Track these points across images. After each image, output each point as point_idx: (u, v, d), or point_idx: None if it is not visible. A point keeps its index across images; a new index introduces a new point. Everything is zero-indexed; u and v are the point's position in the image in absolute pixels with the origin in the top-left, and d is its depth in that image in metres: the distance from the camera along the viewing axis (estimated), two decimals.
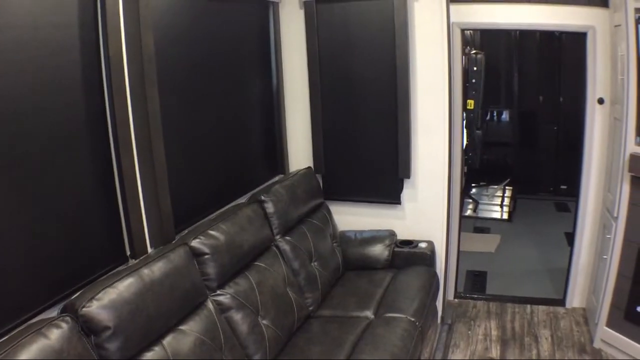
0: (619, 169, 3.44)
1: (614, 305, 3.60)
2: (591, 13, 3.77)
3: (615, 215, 3.51)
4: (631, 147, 3.34)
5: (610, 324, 3.62)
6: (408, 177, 3.80)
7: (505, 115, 7.37)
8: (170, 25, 2.65)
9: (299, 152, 4.01)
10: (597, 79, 3.84)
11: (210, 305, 2.44)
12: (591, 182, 4.03)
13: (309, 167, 3.91)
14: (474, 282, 4.80)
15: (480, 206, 6.63)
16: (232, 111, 3.31)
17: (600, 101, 3.85)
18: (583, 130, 4.00)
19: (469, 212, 6.57)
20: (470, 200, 6.72)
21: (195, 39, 2.87)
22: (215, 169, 3.12)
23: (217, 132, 3.14)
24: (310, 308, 3.19)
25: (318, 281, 3.30)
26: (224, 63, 3.18)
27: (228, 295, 2.55)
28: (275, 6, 3.70)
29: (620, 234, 3.48)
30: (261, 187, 3.50)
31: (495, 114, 7.40)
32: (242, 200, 3.32)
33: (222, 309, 2.51)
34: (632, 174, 3.35)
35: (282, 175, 3.83)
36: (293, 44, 3.83)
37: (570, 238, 4.35)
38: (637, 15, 3.17)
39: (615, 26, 3.57)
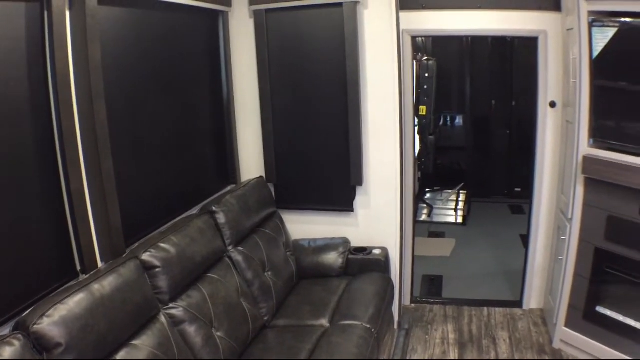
0: (572, 171, 3.58)
1: (572, 306, 3.73)
2: (543, 17, 3.93)
3: (569, 216, 3.65)
4: (584, 149, 3.47)
5: (569, 324, 3.76)
6: (360, 184, 3.88)
7: (458, 120, 7.61)
8: (118, 37, 2.69)
9: (251, 161, 4.06)
10: (549, 83, 4.00)
11: (162, 318, 2.47)
12: (544, 184, 4.19)
13: (261, 177, 3.96)
14: (430, 287, 4.93)
15: (434, 211, 6.80)
16: (182, 122, 3.34)
17: (552, 104, 4.01)
18: (535, 133, 4.15)
19: (423, 217, 6.74)
20: (425, 206, 6.89)
21: (143, 51, 2.91)
22: (165, 181, 3.15)
23: (167, 144, 3.17)
24: (265, 318, 3.24)
25: (272, 291, 3.35)
26: (173, 74, 3.23)
27: (180, 308, 2.58)
28: (225, 16, 3.76)
29: (575, 235, 3.62)
30: (213, 197, 3.55)
31: (448, 119, 7.63)
32: (194, 211, 3.35)
33: (174, 322, 2.54)
34: (586, 176, 3.48)
35: (234, 186, 3.87)
36: (243, 53, 3.88)
37: (525, 240, 4.52)
38: (590, 18, 3.29)
39: (568, 30, 3.71)
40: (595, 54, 3.30)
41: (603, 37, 3.25)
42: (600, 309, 3.57)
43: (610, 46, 3.23)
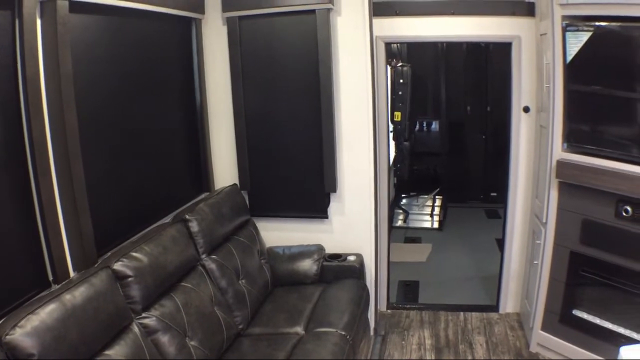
0: (546, 176, 3.67)
1: (548, 310, 3.81)
2: (516, 23, 4.03)
3: (544, 220, 3.73)
4: (558, 154, 3.55)
5: (546, 327, 3.84)
6: (334, 190, 3.95)
7: (434, 126, 7.72)
8: (89, 45, 2.71)
9: (225, 169, 4.09)
10: (523, 88, 4.10)
11: (135, 328, 2.49)
12: (519, 189, 4.29)
13: (235, 184, 4.00)
14: (406, 292, 5.01)
15: (410, 216, 6.91)
16: (154, 130, 3.36)
17: (526, 109, 4.11)
18: (509, 138, 4.25)
19: (399, 223, 6.84)
20: (401, 211, 6.99)
21: (115, 58, 2.93)
22: (138, 189, 3.17)
23: (140, 152, 3.18)
24: (240, 326, 3.27)
25: (246, 299, 3.39)
26: (145, 81, 3.25)
27: (154, 318, 2.60)
28: (198, 22, 3.79)
29: (550, 239, 3.71)
30: (186, 206, 3.57)
31: (424, 125, 7.74)
32: (167, 220, 3.37)
33: (148, 331, 2.56)
34: (560, 180, 3.57)
35: (207, 193, 3.90)
36: (216, 60, 3.92)
37: (501, 244, 4.61)
38: (564, 23, 3.36)
39: (541, 35, 3.79)
40: (569, 58, 3.37)
41: (577, 41, 3.31)
42: (576, 312, 3.65)
43: (584, 50, 3.30)
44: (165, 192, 3.52)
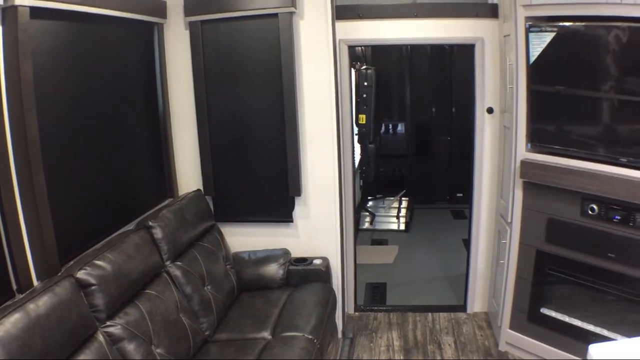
0: (511, 176, 3.76)
1: (516, 308, 3.91)
2: (479, 24, 4.11)
3: (509, 220, 3.83)
4: (522, 154, 3.64)
5: (514, 326, 3.94)
6: (299, 194, 4.00)
7: (400, 128, 7.84)
8: (51, 51, 2.71)
9: (189, 174, 4.10)
10: (486, 89, 4.19)
11: (100, 337, 2.50)
12: (483, 189, 4.39)
13: (198, 190, 4.02)
14: (374, 294, 5.08)
15: (377, 219, 7.00)
16: (117, 137, 3.37)
17: (490, 111, 4.20)
18: (473, 139, 4.34)
19: (366, 225, 6.93)
20: (367, 214, 7.06)
21: (77, 64, 2.94)
22: (101, 196, 3.18)
23: (102, 159, 3.19)
24: (206, 333, 3.30)
25: (212, 305, 3.41)
26: (107, 87, 3.26)
27: (119, 326, 2.61)
28: (160, 27, 3.80)
29: (515, 239, 3.80)
30: (150, 212, 3.58)
31: (390, 127, 7.85)
32: (131, 227, 3.37)
33: (113, 340, 2.57)
34: (524, 180, 3.66)
35: (171, 199, 3.91)
36: (179, 65, 3.93)
37: (467, 245, 4.71)
38: (528, 24, 3.43)
39: (505, 36, 3.87)
40: (532, 59, 3.46)
41: (540, 42, 3.40)
42: (544, 311, 3.74)
43: (547, 51, 3.38)
44: (129, 199, 3.53)
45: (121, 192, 3.44)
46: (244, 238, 4.14)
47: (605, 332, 3.43)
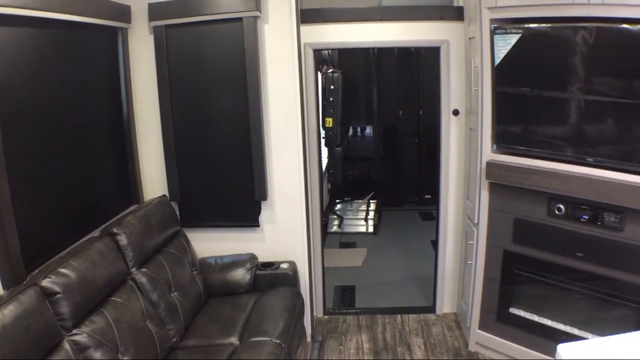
0: (477, 177, 3.84)
1: (484, 309, 3.99)
2: (445, 27, 4.19)
3: (476, 221, 3.91)
4: (487, 155, 3.72)
5: (484, 326, 4.02)
6: (265, 199, 4.03)
7: (368, 131, 7.95)
8: (11, 57, 2.70)
9: (154, 180, 4.10)
10: (452, 91, 4.27)
11: (66, 345, 2.51)
12: (450, 191, 4.48)
13: (164, 195, 4.01)
14: (343, 297, 5.15)
15: (345, 221, 7.08)
16: (81, 143, 3.36)
17: (455, 112, 4.29)
18: (439, 141, 4.42)
19: (334, 228, 7.01)
20: (335, 217, 7.15)
21: (39, 70, 2.93)
22: (66, 204, 3.17)
23: (66, 166, 3.18)
24: (174, 339, 3.31)
25: (179, 311, 3.43)
26: (70, 93, 3.25)
27: (84, 334, 2.62)
28: (124, 32, 3.80)
29: (482, 240, 3.88)
30: (115, 218, 3.58)
31: (358, 130, 7.96)
32: (96, 233, 3.37)
33: (79, 348, 2.58)
34: (490, 181, 3.73)
35: (137, 205, 3.91)
36: (144, 70, 3.93)
37: (435, 246, 4.80)
38: (493, 26, 3.49)
39: (470, 38, 3.95)
40: (497, 61, 3.52)
41: (505, 44, 3.45)
42: (513, 310, 3.83)
43: (512, 53, 3.44)
44: (94, 206, 3.53)
45: (86, 199, 3.43)
46: (211, 243, 4.15)
47: (575, 331, 3.52)
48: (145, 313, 3.13)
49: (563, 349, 2.05)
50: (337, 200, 7.60)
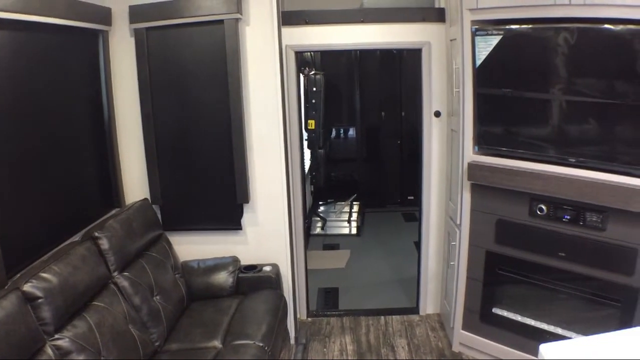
0: (459, 178, 3.89)
1: (468, 309, 4.03)
2: (426, 29, 4.24)
3: (458, 222, 3.95)
4: (469, 156, 3.76)
5: (467, 327, 4.06)
6: (247, 201, 4.05)
7: (350, 132, 8.02)
8: None
9: (136, 183, 4.10)
10: (433, 93, 4.32)
11: (49, 350, 2.53)
12: (432, 192, 4.53)
13: (145, 199, 4.02)
14: (326, 299, 5.19)
15: (328, 223, 7.12)
16: (62, 146, 3.35)
17: (437, 114, 4.33)
18: (421, 143, 4.46)
19: (317, 230, 7.05)
20: (319, 219, 7.19)
21: (19, 73, 2.93)
22: (47, 208, 3.17)
23: (47, 170, 3.18)
24: (157, 343, 3.32)
25: (162, 315, 3.44)
26: (51, 96, 3.24)
27: (67, 339, 2.63)
28: (105, 35, 3.80)
29: (465, 240, 3.92)
30: (97, 222, 3.57)
31: (341, 132, 8.03)
32: (77, 238, 3.37)
33: (62, 353, 2.59)
34: (472, 182, 3.77)
35: (118, 209, 3.90)
36: (124, 73, 3.93)
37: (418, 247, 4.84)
38: (474, 27, 3.52)
39: (451, 40, 3.99)
40: (479, 62, 3.55)
41: (486, 45, 3.48)
42: (496, 310, 3.88)
43: (493, 54, 3.47)
44: (75, 210, 3.52)
45: (67, 203, 3.43)
46: (193, 246, 4.16)
47: (559, 331, 3.57)
48: (127, 317, 3.14)
49: (545, 348, 2.05)
50: (320, 202, 7.65)
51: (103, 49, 3.81)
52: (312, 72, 6.19)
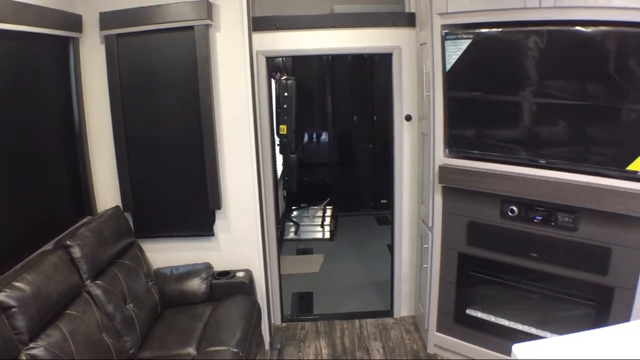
0: (430, 181, 3.95)
1: (442, 311, 4.10)
2: (397, 33, 4.31)
3: (430, 225, 4.02)
4: (440, 160, 3.83)
5: (441, 328, 4.13)
6: (219, 207, 4.09)
7: (323, 137, 8.08)
8: None
9: (108, 191, 4.10)
10: (404, 97, 4.40)
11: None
12: (404, 195, 4.60)
13: (117, 206, 4.02)
14: (301, 304, 5.25)
15: (301, 228, 7.19)
16: (32, 155, 3.35)
17: (408, 118, 4.41)
18: (392, 147, 4.53)
19: (291, 235, 7.10)
20: (292, 224, 7.25)
21: None
22: (17, 217, 3.17)
23: (17, 179, 3.18)
24: (131, 351, 3.33)
25: (135, 323, 3.45)
26: (20, 104, 3.24)
27: (41, 348, 2.63)
28: (76, 42, 3.81)
29: (437, 243, 3.99)
30: (68, 231, 3.58)
31: (313, 136, 8.10)
32: (50, 246, 3.37)
33: None
34: (443, 185, 3.84)
35: (90, 217, 3.89)
36: (96, 80, 3.93)
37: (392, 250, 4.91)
38: (444, 32, 3.58)
39: (421, 44, 4.05)
40: (449, 66, 3.63)
41: (456, 49, 3.56)
42: (470, 312, 3.95)
43: (463, 58, 3.54)
44: (46, 218, 3.51)
45: (38, 212, 3.42)
46: (166, 254, 4.18)
47: (534, 331, 3.65)
48: (101, 325, 3.15)
49: (518, 348, 2.05)
50: (293, 207, 7.71)
51: (74, 56, 3.81)
52: (284, 78, 6.25)
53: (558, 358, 2.00)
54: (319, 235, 7.15)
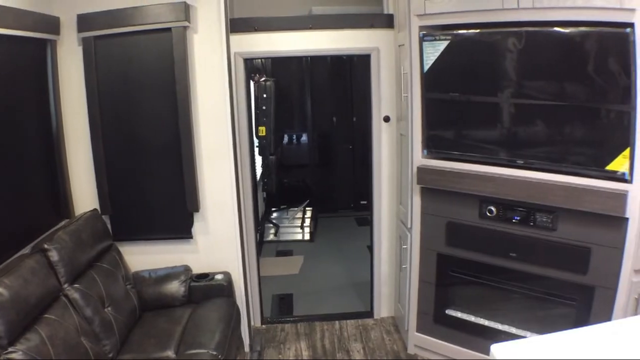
0: (409, 182, 4.01)
1: (421, 311, 4.15)
2: (375, 35, 4.37)
3: (409, 226, 4.07)
4: (418, 161, 3.88)
5: (421, 329, 4.18)
6: (197, 210, 4.12)
7: (302, 138, 8.15)
8: None
9: (85, 194, 4.09)
10: (382, 98, 4.45)
11: None
12: (383, 196, 4.67)
13: (95, 209, 4.02)
14: (281, 306, 5.30)
15: (281, 230, 7.24)
16: (8, 157, 3.34)
17: (386, 119, 4.47)
18: (371, 148, 4.59)
19: (271, 237, 7.16)
20: (272, 225, 7.29)
21: None
22: None
23: None
24: (110, 355, 3.34)
25: (114, 326, 3.46)
26: None
27: (20, 352, 2.64)
28: (53, 44, 3.80)
29: (416, 244, 4.04)
30: (46, 234, 3.57)
31: (293, 138, 8.16)
32: (27, 250, 3.37)
33: None
34: (421, 186, 3.89)
35: (68, 220, 3.89)
36: (73, 82, 3.93)
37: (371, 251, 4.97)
38: (422, 33, 3.62)
39: (400, 46, 4.11)
40: (427, 67, 3.68)
41: (434, 50, 3.62)
42: (450, 312, 4.01)
43: (441, 59, 3.59)
44: (23, 222, 3.51)
45: (15, 215, 3.41)
46: (144, 256, 4.18)
47: (514, 330, 3.71)
48: (79, 329, 3.16)
49: (497, 348, 2.06)
50: (272, 209, 7.75)
51: (51, 58, 3.80)
52: (263, 79, 6.29)
53: (537, 358, 2.01)
54: (299, 237, 7.20)
